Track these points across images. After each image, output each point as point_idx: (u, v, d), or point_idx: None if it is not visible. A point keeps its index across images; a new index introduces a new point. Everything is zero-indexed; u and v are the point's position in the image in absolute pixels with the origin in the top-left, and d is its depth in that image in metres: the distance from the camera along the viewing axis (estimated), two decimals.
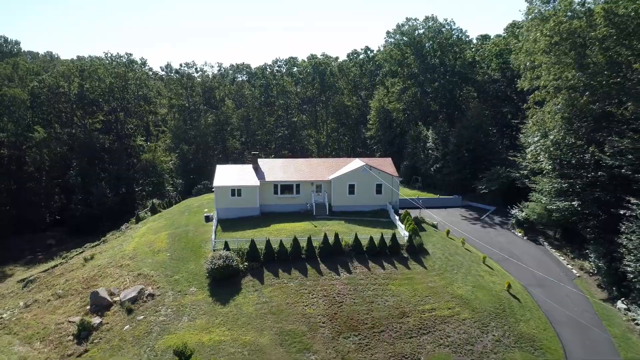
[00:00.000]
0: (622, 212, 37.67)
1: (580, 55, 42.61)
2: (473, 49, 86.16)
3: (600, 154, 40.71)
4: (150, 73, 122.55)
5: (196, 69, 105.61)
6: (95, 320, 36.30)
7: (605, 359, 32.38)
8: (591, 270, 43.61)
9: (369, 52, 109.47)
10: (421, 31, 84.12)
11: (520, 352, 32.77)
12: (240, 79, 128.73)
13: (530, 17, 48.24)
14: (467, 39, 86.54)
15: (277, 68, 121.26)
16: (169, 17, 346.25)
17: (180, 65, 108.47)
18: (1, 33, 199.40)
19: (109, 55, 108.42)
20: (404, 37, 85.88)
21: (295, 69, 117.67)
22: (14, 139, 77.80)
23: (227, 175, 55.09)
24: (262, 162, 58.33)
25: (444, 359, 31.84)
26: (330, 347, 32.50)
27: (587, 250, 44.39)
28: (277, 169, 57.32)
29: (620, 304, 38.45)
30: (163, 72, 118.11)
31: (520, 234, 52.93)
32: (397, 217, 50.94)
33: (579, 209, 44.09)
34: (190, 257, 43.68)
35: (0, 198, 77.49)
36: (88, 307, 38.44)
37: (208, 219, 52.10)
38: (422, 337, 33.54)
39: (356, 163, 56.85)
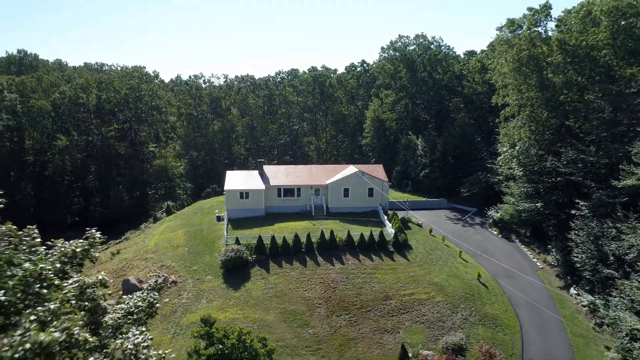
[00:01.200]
0: (573, 212, 44.51)
1: (542, 77, 49.51)
2: (461, 64, 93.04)
3: (557, 163, 47.53)
4: (160, 84, 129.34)
5: (204, 80, 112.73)
6: None
7: (553, 333, 39.21)
8: (552, 263, 50.32)
9: (365, 65, 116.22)
10: (412, 47, 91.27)
11: (483, 328, 39.50)
12: (244, 86, 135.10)
13: (500, 42, 55.16)
14: (455, 54, 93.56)
15: (279, 79, 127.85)
16: (179, 31, 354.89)
17: (189, 77, 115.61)
18: (20, 46, 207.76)
19: (124, 68, 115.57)
20: (396, 53, 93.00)
21: (296, 80, 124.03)
22: (39, 147, 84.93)
23: (236, 180, 61.84)
24: (267, 168, 65.15)
25: (419, 332, 38.61)
26: (325, 323, 39.27)
27: (550, 246, 51.20)
28: (281, 174, 64.02)
29: (572, 290, 45.23)
30: (169, 80, 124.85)
31: (495, 232, 59.60)
32: (385, 217, 57.69)
33: (542, 209, 50.92)
34: (206, 251, 50.48)
35: (25, 201, 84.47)
36: (120, 292, 45.21)
37: (219, 218, 58.82)
38: (402, 316, 40.29)
39: (351, 169, 63.59)
